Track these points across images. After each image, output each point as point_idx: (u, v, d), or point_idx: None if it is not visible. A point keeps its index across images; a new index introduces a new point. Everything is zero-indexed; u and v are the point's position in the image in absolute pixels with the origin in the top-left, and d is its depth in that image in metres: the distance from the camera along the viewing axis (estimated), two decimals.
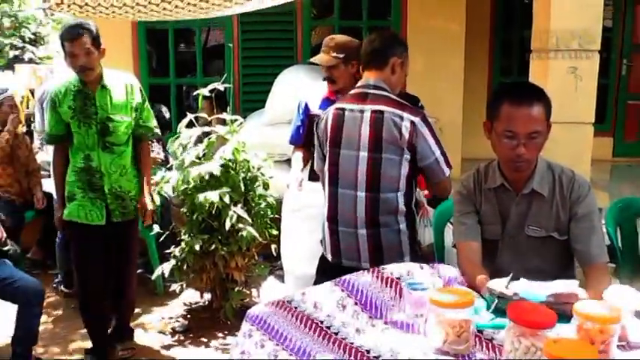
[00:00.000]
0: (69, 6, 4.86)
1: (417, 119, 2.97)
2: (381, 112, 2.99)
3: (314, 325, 2.20)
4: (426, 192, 3.63)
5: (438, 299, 1.99)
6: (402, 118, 2.96)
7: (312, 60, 4.03)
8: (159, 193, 4.79)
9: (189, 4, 4.91)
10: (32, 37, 21.06)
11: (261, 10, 4.85)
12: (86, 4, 4.82)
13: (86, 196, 4.02)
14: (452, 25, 6.84)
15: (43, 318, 4.49)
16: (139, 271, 5.91)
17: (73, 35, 3.81)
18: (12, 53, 20.09)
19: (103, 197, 4.03)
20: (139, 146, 4.23)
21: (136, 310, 5.03)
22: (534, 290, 2.19)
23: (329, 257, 3.17)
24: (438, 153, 3.00)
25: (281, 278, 5.29)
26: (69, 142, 4.05)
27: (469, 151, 6.60)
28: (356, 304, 2.31)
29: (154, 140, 5.49)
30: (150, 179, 4.35)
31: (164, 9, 5.00)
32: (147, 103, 4.22)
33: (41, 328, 4.56)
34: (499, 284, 2.26)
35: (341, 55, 3.79)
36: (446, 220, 3.22)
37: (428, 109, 3.31)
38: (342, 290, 2.37)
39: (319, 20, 7.69)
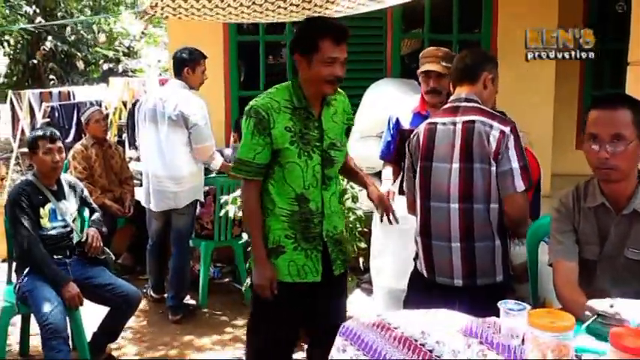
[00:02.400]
0: (162, 8, 4.98)
1: (506, 129, 2.95)
2: (472, 122, 2.99)
3: (412, 346, 2.19)
4: None
5: (538, 322, 1.94)
6: (492, 127, 2.95)
7: (422, 70, 3.99)
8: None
9: (279, 6, 4.97)
10: (126, 50, 21.87)
11: (351, 22, 4.86)
12: (179, 6, 4.93)
13: (299, 247, 3.06)
14: None
15: (131, 322, 4.64)
16: (225, 280, 6.04)
17: (343, 34, 2.91)
18: (106, 66, 20.91)
19: (320, 246, 3.10)
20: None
21: (224, 319, 5.14)
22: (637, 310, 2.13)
23: (424, 273, 3.15)
24: (515, 165, 2.94)
25: (368, 292, 5.28)
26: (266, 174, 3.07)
27: (559, 167, 6.46)
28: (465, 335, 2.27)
29: None
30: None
31: (254, 11, 5.06)
32: None
33: (127, 331, 4.73)
34: (601, 303, 2.21)
35: (449, 65, 3.61)
36: (540, 237, 3.15)
37: (518, 123, 3.26)
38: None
39: (408, 33, 7.64)
